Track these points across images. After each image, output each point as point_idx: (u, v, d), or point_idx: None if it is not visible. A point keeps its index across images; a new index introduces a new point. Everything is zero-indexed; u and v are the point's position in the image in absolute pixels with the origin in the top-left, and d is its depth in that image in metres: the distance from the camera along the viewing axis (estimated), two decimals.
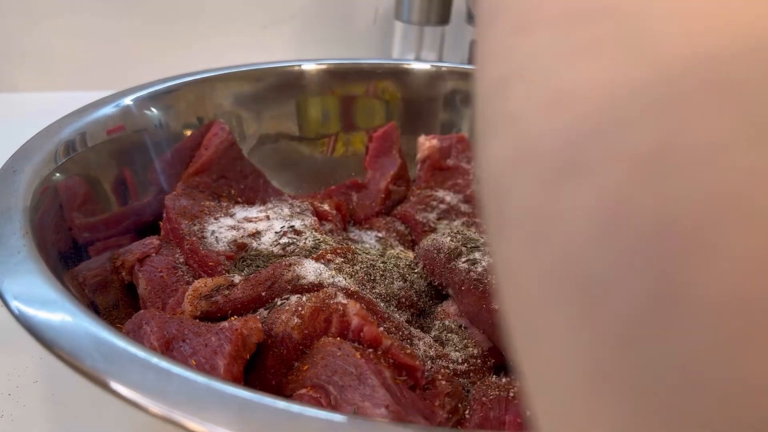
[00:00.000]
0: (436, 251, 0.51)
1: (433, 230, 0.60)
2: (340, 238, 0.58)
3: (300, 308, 0.42)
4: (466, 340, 0.47)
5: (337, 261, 0.49)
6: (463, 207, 0.64)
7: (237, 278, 0.46)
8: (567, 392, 0.13)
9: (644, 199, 0.12)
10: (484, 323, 0.46)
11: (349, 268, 0.49)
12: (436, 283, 0.51)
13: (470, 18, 0.95)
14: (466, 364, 0.45)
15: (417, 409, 0.37)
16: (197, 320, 0.43)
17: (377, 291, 0.48)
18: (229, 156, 0.62)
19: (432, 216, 0.63)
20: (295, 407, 0.30)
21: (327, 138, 0.74)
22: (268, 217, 0.54)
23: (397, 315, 0.47)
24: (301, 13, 1.04)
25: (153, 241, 0.53)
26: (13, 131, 0.56)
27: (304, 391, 0.38)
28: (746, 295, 0.11)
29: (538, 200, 0.14)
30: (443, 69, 0.77)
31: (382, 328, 0.41)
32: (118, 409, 0.43)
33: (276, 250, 0.51)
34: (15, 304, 0.36)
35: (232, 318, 0.42)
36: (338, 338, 0.41)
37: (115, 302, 0.50)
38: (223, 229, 0.53)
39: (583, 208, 0.13)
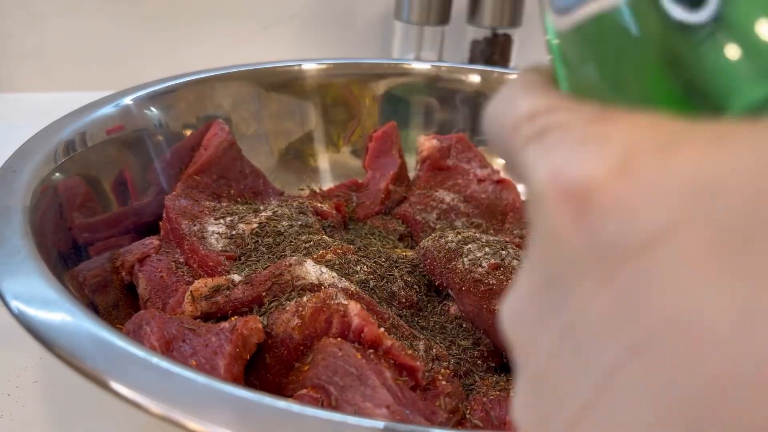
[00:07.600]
0: (436, 251, 0.51)
1: (433, 230, 0.60)
2: (340, 238, 0.58)
3: (300, 309, 0.41)
4: (466, 341, 0.47)
5: (337, 261, 0.49)
6: (463, 207, 0.63)
7: (237, 278, 0.46)
8: None
9: None
10: (484, 323, 0.46)
11: (349, 268, 0.49)
12: (436, 283, 0.51)
13: (471, 17, 0.95)
14: (466, 365, 0.44)
15: (418, 410, 0.37)
16: (197, 320, 0.42)
17: (377, 291, 0.48)
18: (229, 156, 0.62)
19: (432, 216, 0.63)
20: (295, 407, 0.30)
21: (327, 137, 0.74)
22: (268, 217, 0.54)
23: (397, 315, 0.47)
24: (301, 13, 1.04)
25: (153, 241, 0.53)
26: (13, 131, 0.56)
27: (304, 391, 0.38)
28: None
29: None
30: (443, 69, 0.77)
31: (382, 329, 0.41)
32: (118, 409, 0.42)
33: (276, 249, 0.51)
34: (15, 304, 0.36)
35: (233, 318, 0.42)
36: (339, 339, 0.41)
37: (115, 302, 0.50)
38: (224, 229, 0.53)
39: None
